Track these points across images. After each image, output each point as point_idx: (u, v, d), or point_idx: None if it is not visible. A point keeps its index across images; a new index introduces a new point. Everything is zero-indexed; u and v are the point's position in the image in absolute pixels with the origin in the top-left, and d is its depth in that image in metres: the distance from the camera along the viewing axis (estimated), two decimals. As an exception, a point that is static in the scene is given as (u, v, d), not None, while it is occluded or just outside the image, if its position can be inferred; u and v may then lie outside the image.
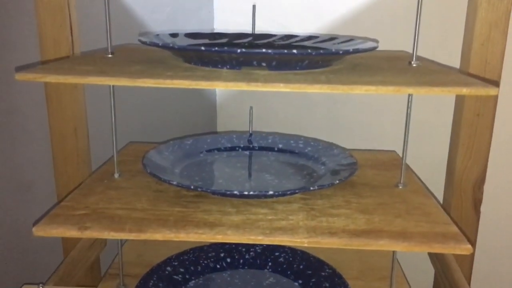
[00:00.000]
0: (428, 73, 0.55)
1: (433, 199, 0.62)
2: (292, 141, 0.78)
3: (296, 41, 0.71)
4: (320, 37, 0.71)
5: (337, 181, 0.60)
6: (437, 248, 0.49)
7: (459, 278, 0.65)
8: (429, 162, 0.95)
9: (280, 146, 0.78)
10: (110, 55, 0.62)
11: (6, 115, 0.69)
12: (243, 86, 0.46)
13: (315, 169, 0.69)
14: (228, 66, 0.54)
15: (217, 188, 0.62)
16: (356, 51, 0.54)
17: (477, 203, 0.88)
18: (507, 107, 0.91)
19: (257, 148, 0.78)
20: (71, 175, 0.80)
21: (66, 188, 0.80)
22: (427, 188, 0.67)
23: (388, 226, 0.53)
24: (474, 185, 0.87)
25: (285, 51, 0.49)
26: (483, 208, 0.88)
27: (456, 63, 0.86)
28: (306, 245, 0.49)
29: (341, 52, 0.53)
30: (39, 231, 0.51)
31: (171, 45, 0.53)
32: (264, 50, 0.49)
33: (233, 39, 0.72)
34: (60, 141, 0.79)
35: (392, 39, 0.87)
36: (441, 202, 0.93)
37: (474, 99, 0.81)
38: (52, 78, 0.47)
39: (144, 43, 0.56)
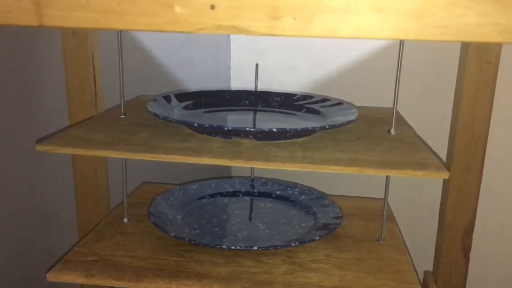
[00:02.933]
0: (399, 147, 0.61)
1: (407, 255, 0.68)
2: (289, 188, 0.85)
3: (293, 100, 0.78)
4: (315, 97, 0.78)
5: (318, 237, 0.67)
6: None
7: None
8: (422, 210, 1.00)
9: (278, 193, 0.85)
10: (122, 116, 0.71)
11: (34, 155, 0.78)
12: (226, 162, 0.53)
13: (304, 219, 0.76)
14: (220, 136, 0.61)
15: (211, 237, 0.69)
16: (332, 126, 0.60)
17: (466, 250, 0.92)
18: (495, 160, 0.96)
19: (256, 193, 0.85)
20: (91, 209, 0.88)
21: (86, 220, 0.88)
22: (404, 243, 0.73)
23: (359, 284, 0.60)
24: (463, 233, 0.92)
25: (266, 129, 0.57)
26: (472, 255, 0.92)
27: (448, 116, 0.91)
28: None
29: (317, 129, 0.60)
30: (52, 277, 0.59)
31: (169, 119, 0.60)
32: (247, 128, 0.56)
33: (236, 97, 0.79)
34: (82, 179, 0.88)
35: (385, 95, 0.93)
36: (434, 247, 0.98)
37: (463, 153, 0.86)
38: (66, 150, 0.55)
39: (149, 112, 0.64)
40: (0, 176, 0.70)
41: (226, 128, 0.56)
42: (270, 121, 0.73)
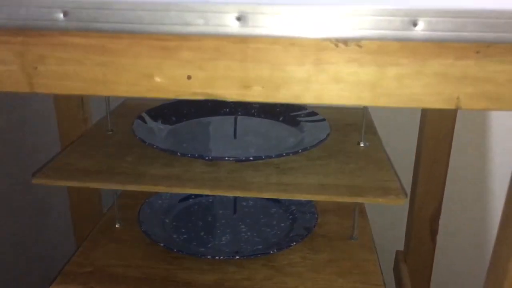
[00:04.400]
0: (366, 167, 0.67)
1: (375, 255, 0.75)
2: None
3: (274, 108, 0.83)
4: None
5: (294, 243, 0.73)
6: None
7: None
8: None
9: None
10: (110, 132, 0.76)
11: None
12: (208, 192, 0.59)
13: (283, 219, 0.82)
14: (205, 159, 0.66)
15: (197, 242, 0.76)
16: (305, 149, 0.66)
17: (433, 233, 1.00)
18: (460, 157, 1.03)
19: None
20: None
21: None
22: (373, 240, 0.80)
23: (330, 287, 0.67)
24: (431, 219, 0.99)
25: (243, 158, 0.62)
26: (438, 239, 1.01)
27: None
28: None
29: (291, 154, 0.65)
30: (54, 291, 0.66)
31: (154, 146, 0.65)
32: (226, 158, 0.61)
33: (216, 104, 0.83)
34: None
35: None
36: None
37: (432, 148, 0.93)
38: (61, 183, 0.61)
39: (135, 135, 0.69)
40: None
41: (207, 158, 0.62)
42: (250, 130, 0.78)
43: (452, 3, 0.41)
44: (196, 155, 0.62)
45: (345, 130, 0.79)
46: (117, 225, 0.81)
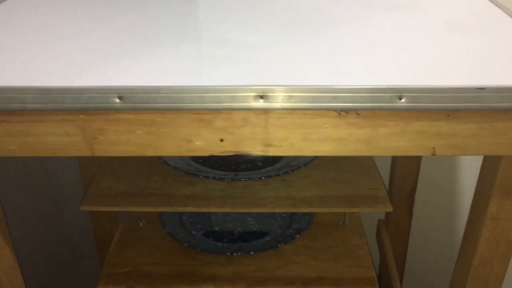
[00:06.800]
0: (358, 173, 0.80)
1: (364, 239, 0.89)
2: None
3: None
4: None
5: (298, 235, 0.87)
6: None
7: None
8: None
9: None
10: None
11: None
12: (229, 210, 0.71)
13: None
14: (225, 180, 0.78)
15: (214, 238, 0.89)
16: (306, 164, 0.78)
17: (410, 205, 1.16)
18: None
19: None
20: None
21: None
22: (362, 226, 0.94)
23: (331, 273, 0.81)
24: (408, 194, 1.15)
25: (256, 178, 0.74)
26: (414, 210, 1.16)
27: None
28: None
29: (295, 170, 0.77)
30: (101, 293, 0.79)
31: (179, 169, 0.76)
32: (243, 179, 0.74)
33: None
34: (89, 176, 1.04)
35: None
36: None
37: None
38: (107, 209, 0.72)
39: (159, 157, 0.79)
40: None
41: (226, 180, 0.74)
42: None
43: (429, 82, 0.52)
44: (217, 178, 0.74)
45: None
46: (140, 224, 0.94)
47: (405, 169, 1.09)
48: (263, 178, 0.75)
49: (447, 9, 0.72)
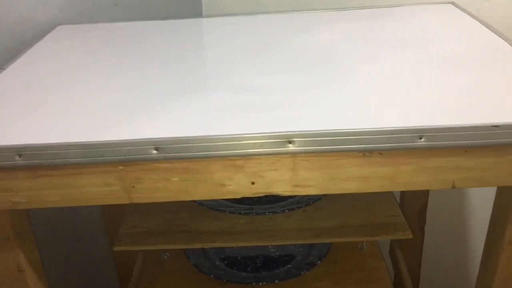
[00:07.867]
0: (373, 202, 0.83)
1: (383, 262, 0.92)
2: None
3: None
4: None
5: (319, 262, 0.90)
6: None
7: None
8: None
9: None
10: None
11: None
12: (256, 243, 0.74)
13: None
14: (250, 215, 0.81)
15: (238, 268, 0.91)
16: (325, 195, 0.81)
17: (421, 223, 1.19)
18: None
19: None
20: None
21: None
22: (379, 247, 0.97)
23: (354, 300, 0.84)
24: (419, 211, 1.18)
25: (280, 211, 0.77)
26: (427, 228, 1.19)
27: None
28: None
29: (316, 201, 0.80)
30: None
31: (204, 206, 0.79)
32: (267, 213, 0.77)
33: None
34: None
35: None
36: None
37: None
38: (138, 248, 0.75)
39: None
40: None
41: (252, 214, 0.77)
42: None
43: (446, 121, 0.56)
44: (243, 213, 0.77)
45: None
46: (165, 257, 0.96)
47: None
48: (286, 211, 0.78)
49: (454, 43, 0.76)
